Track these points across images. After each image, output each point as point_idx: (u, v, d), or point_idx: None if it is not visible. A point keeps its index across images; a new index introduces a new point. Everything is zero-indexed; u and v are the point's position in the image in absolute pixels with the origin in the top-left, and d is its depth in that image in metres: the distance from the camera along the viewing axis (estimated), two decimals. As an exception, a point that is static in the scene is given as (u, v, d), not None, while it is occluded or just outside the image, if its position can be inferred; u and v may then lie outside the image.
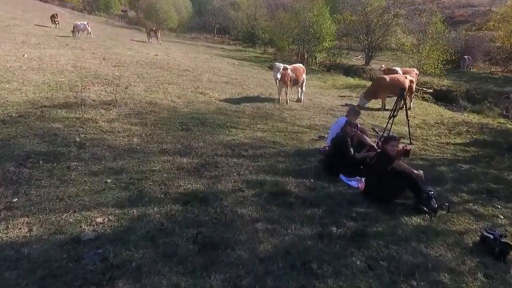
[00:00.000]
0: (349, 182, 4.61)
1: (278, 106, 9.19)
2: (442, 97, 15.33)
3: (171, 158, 4.60)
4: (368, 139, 5.50)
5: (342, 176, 4.75)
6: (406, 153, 6.23)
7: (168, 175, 4.09)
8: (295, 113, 8.71)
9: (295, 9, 23.06)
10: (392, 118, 7.16)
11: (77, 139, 4.76)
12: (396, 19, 21.18)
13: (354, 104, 11.09)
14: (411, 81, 11.32)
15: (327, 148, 5.74)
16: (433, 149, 6.96)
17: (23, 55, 10.94)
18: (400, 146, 6.97)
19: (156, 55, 15.75)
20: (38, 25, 21.60)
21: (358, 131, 5.47)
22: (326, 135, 6.66)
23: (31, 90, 7.42)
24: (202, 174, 4.25)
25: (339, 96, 12.87)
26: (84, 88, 7.90)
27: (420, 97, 14.68)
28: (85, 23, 19.63)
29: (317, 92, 12.95)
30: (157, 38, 22.44)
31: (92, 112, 6.18)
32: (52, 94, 7.19)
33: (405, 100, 7.17)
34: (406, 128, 8.71)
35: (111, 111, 6.48)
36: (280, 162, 5.07)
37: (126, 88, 8.57)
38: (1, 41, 13.28)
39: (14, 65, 9.49)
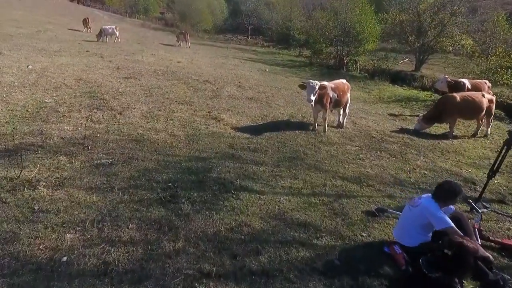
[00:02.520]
0: None
1: (313, 137, 6.66)
2: (517, 114, 11.81)
3: (107, 299, 2.34)
4: (482, 249, 2.84)
5: None
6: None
7: None
8: (336, 149, 6.14)
9: (335, 8, 20.04)
10: (493, 177, 4.38)
11: (-41, 243, 2.65)
12: (453, 17, 17.40)
13: (411, 127, 8.15)
14: (489, 101, 8.21)
15: (397, 249, 3.19)
16: None
17: (27, 66, 9.33)
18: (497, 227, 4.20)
19: (178, 62, 13.75)
20: (71, 29, 20.64)
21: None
22: (388, 208, 4.09)
23: (-2, 118, 5.59)
24: None
25: (389, 115, 9.98)
26: (63, 116, 5.95)
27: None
28: (113, 27, 18.21)
29: (361, 109, 10.16)
30: (186, 41, 20.56)
31: (42, 164, 4.08)
32: (15, 127, 5.25)
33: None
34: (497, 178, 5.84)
35: (74, 160, 4.36)
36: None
37: (120, 113, 6.50)
38: (18, 49, 11.92)
39: (7, 80, 7.82)
